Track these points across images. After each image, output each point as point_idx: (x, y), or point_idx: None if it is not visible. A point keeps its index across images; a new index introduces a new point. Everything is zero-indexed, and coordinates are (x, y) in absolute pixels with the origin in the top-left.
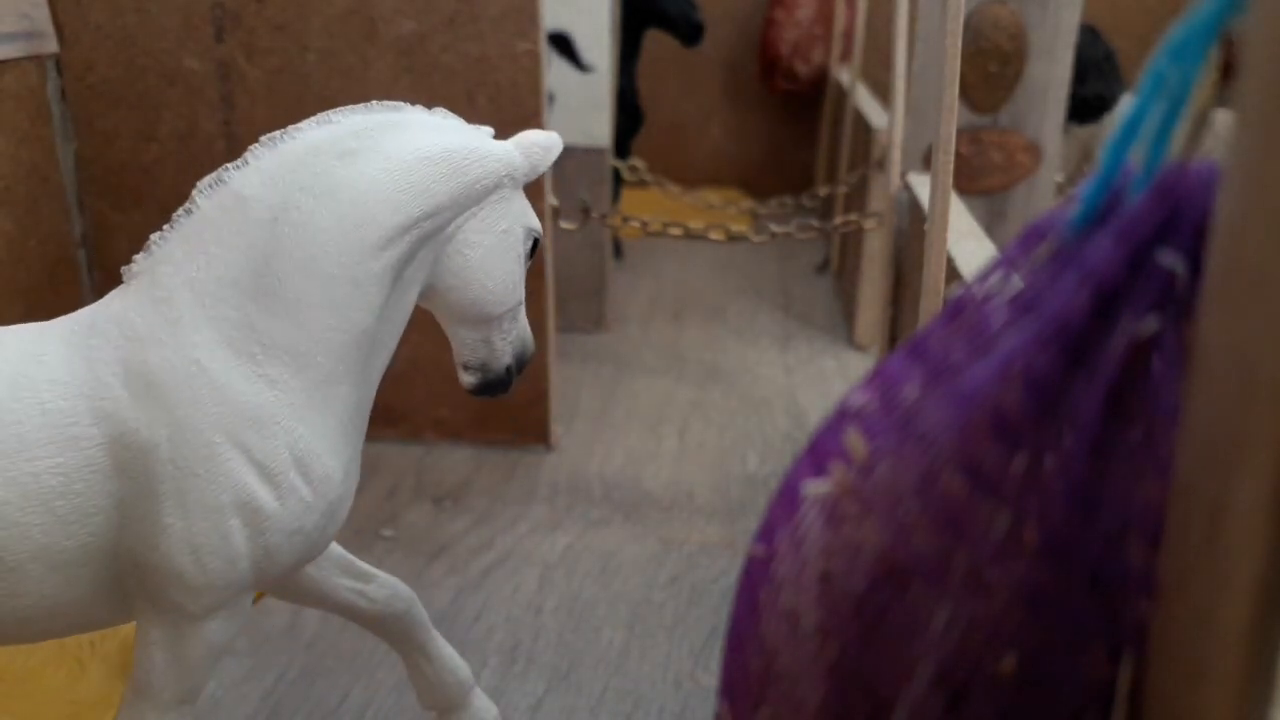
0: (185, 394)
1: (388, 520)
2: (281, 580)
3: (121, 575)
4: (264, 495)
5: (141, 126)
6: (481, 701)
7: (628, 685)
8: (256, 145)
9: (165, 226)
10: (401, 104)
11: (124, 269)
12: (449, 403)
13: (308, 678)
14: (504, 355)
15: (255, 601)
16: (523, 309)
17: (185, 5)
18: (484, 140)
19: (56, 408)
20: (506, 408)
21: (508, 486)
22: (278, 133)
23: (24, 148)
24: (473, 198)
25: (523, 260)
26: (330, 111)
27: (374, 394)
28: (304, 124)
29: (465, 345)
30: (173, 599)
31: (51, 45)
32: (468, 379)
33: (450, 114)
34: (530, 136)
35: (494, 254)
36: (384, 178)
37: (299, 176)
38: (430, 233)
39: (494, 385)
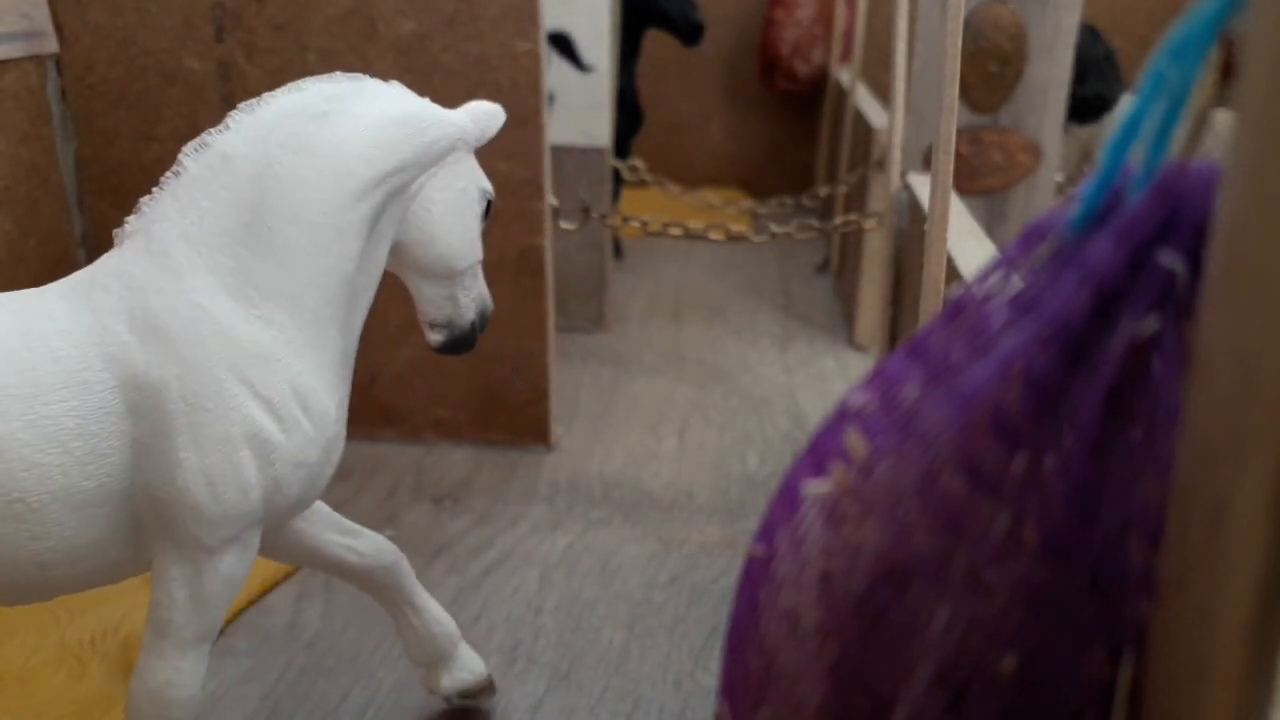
0: (190, 335)
1: (388, 520)
2: (286, 517)
3: (138, 515)
4: (270, 427)
5: (141, 126)
6: (467, 653)
7: (628, 685)
8: (235, 111)
9: (153, 189)
10: (361, 75)
11: (115, 231)
12: (449, 403)
13: (308, 677)
14: (468, 311)
15: (262, 595)
16: (480, 269)
17: (185, 5)
18: (435, 107)
19: (67, 354)
20: (507, 407)
21: (508, 486)
22: (253, 100)
23: (24, 148)
24: (432, 157)
25: (479, 219)
26: (298, 81)
27: (356, 345)
28: (276, 91)
29: (431, 303)
30: (190, 532)
31: (51, 45)
32: (434, 337)
33: (404, 87)
34: (478, 105)
35: (454, 209)
36: (355, 136)
37: (278, 135)
38: (398, 188)
39: (459, 342)
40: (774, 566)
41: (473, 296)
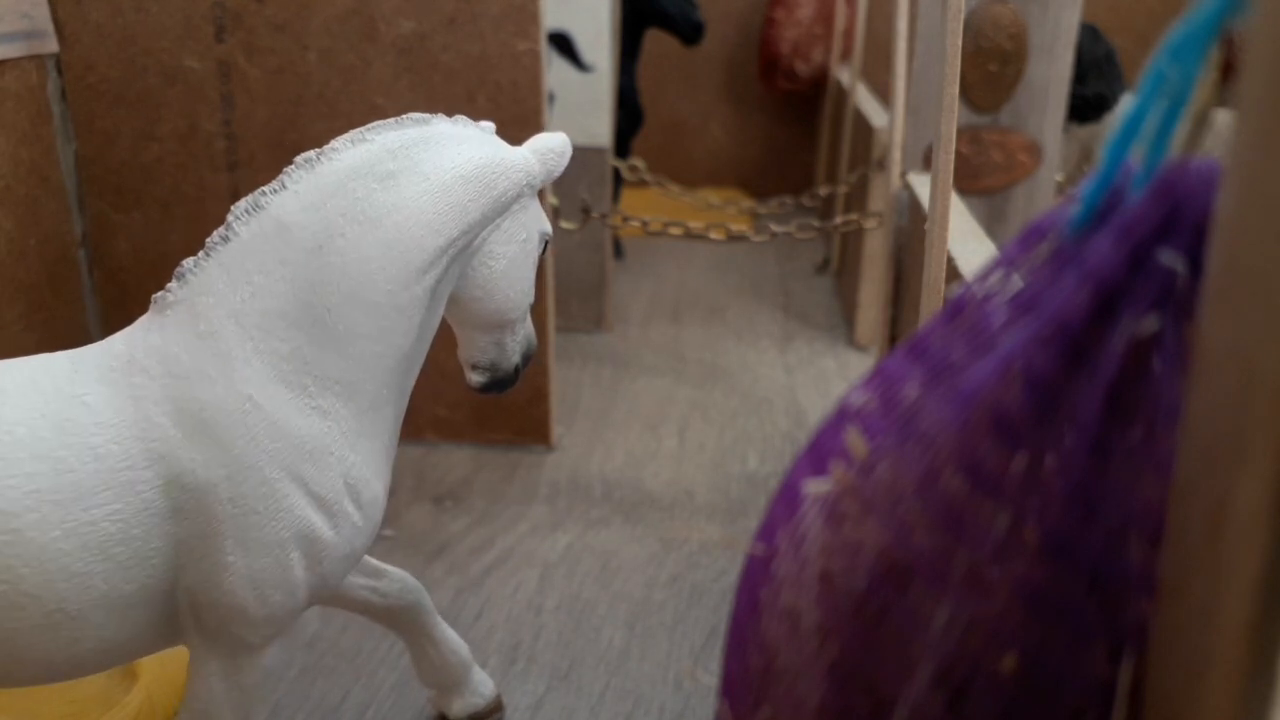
0: (241, 431)
1: (388, 520)
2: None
3: (176, 612)
4: (321, 525)
5: (142, 126)
6: (479, 676)
7: (628, 685)
8: (292, 167)
9: (200, 253)
10: (428, 116)
11: (155, 297)
12: (449, 402)
13: (308, 677)
14: (513, 355)
15: None
16: (529, 311)
17: (185, 5)
18: (505, 150)
19: (109, 452)
20: (507, 407)
21: (508, 486)
22: (313, 153)
23: (24, 147)
24: (499, 210)
25: (535, 263)
26: (363, 130)
27: (405, 408)
28: (338, 143)
29: (477, 347)
30: (233, 633)
31: (52, 45)
32: (476, 379)
33: (466, 120)
34: (545, 142)
35: (516, 263)
36: (425, 200)
37: (340, 202)
38: (463, 249)
39: (501, 383)
40: (774, 565)
41: (519, 339)
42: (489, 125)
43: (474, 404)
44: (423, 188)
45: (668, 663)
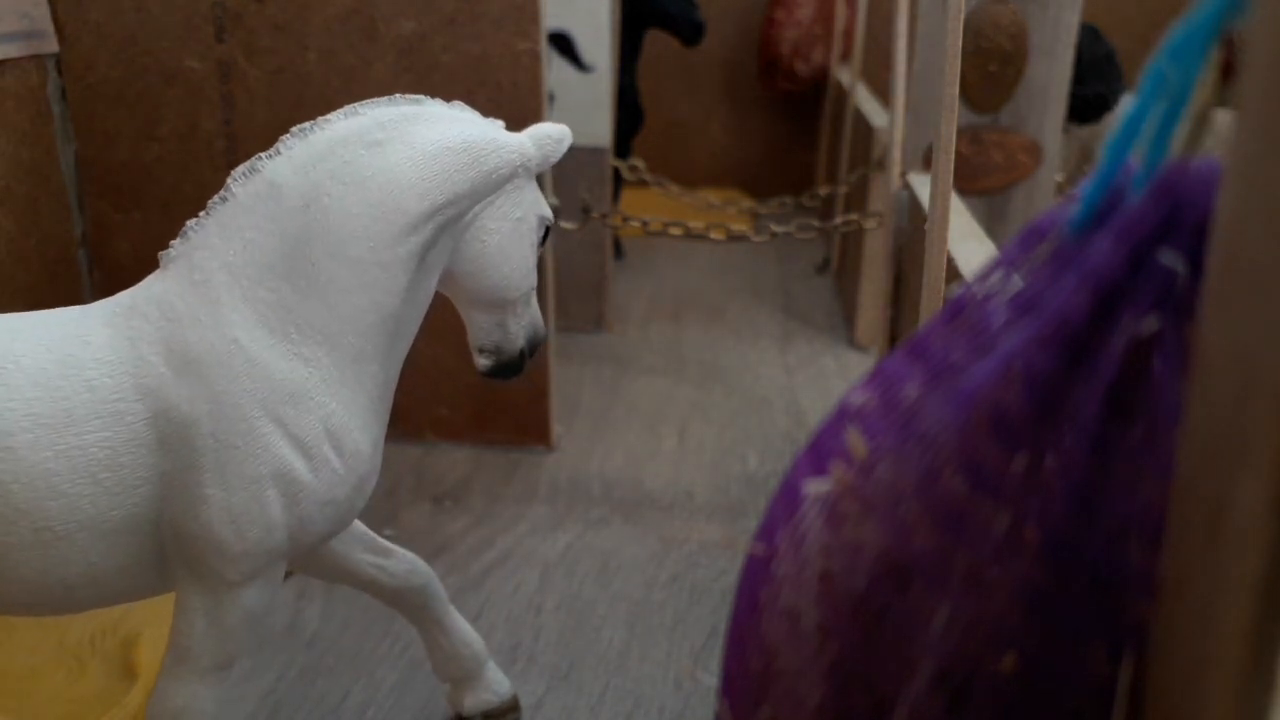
0: (224, 371)
1: (388, 520)
2: (311, 551)
3: (163, 545)
4: (299, 467)
5: (142, 126)
6: (495, 674)
7: (628, 685)
8: (288, 136)
9: (201, 213)
10: (423, 97)
11: (161, 254)
12: (449, 402)
13: (308, 676)
14: (518, 339)
15: (285, 578)
16: (534, 294)
17: (186, 5)
18: (500, 131)
19: (102, 384)
20: (507, 407)
21: (508, 486)
22: (308, 124)
23: (24, 148)
24: (490, 186)
25: (535, 247)
26: (356, 104)
27: (398, 375)
28: (332, 115)
29: (480, 329)
30: (212, 566)
31: (51, 45)
32: (483, 362)
33: (466, 107)
34: (543, 129)
35: (509, 240)
36: (410, 166)
37: (329, 164)
38: (451, 219)
39: (507, 367)
40: (774, 565)
41: (524, 324)
42: (498, 123)
43: (474, 404)
44: (408, 154)
45: (668, 663)
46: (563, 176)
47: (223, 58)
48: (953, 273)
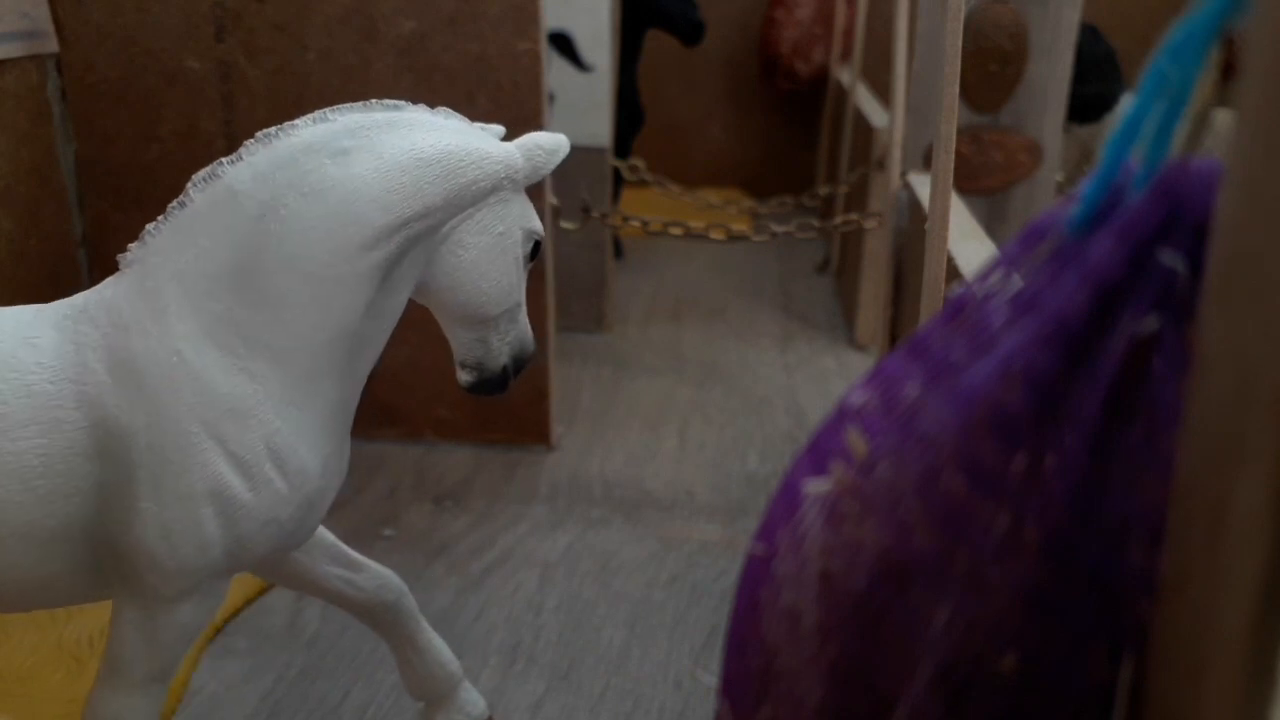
0: (165, 383)
1: (388, 520)
2: (260, 566)
3: (98, 554)
4: (237, 485)
5: (142, 126)
6: (469, 694)
7: (628, 685)
8: (252, 140)
9: (160, 217)
10: (402, 102)
11: (119, 256)
12: (449, 403)
13: (307, 677)
14: (500, 355)
15: (261, 594)
16: (523, 310)
17: (186, 5)
18: (484, 141)
19: (42, 390)
20: (507, 408)
21: (508, 486)
22: (274, 129)
23: (24, 148)
24: (468, 199)
25: (521, 262)
26: (328, 109)
27: (360, 390)
28: (300, 120)
29: (461, 344)
30: (146, 581)
31: (52, 45)
32: (464, 377)
33: (454, 114)
34: (534, 139)
35: (488, 256)
36: (374, 177)
37: (289, 174)
38: (422, 233)
39: (490, 384)
40: (774, 565)
41: (508, 340)
42: (498, 129)
43: (474, 404)
44: (374, 165)
45: (668, 663)
46: (563, 176)
47: (223, 58)
48: (953, 272)
